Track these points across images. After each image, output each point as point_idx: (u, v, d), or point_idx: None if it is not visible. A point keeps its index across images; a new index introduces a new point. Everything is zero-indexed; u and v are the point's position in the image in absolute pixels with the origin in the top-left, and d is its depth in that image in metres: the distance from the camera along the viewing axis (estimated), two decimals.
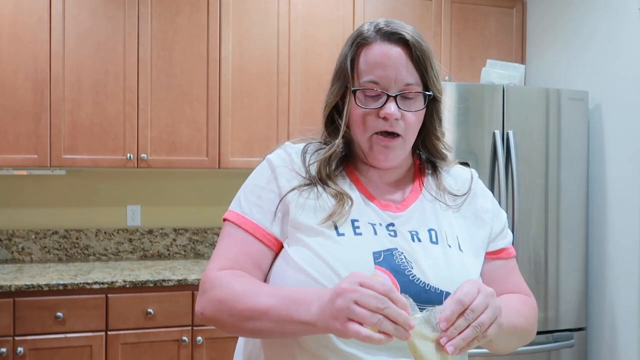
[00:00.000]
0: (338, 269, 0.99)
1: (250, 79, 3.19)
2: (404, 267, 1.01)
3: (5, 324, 2.60)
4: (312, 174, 1.10)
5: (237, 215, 1.10)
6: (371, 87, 1.06)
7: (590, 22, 3.11)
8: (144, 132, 3.05)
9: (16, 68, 2.91)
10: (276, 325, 0.95)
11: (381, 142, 1.07)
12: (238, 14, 3.17)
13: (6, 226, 3.26)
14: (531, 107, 2.87)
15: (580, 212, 2.97)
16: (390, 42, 1.06)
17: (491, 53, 3.52)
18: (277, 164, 1.12)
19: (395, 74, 1.05)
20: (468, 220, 1.14)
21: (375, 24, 1.10)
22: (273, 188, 1.09)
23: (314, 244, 1.02)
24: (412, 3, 3.41)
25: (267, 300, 0.96)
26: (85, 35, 3.00)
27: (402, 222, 1.08)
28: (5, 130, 2.90)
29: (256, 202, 1.10)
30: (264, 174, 1.12)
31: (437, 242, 1.07)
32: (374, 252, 1.02)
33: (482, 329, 0.87)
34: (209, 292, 1.03)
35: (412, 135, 1.10)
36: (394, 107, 1.05)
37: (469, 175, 1.21)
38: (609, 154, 2.96)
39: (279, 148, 1.17)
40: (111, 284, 2.71)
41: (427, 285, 1.00)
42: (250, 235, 1.08)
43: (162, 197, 3.44)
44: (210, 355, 2.82)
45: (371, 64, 1.06)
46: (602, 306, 2.99)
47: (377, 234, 1.05)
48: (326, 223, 1.04)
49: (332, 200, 1.07)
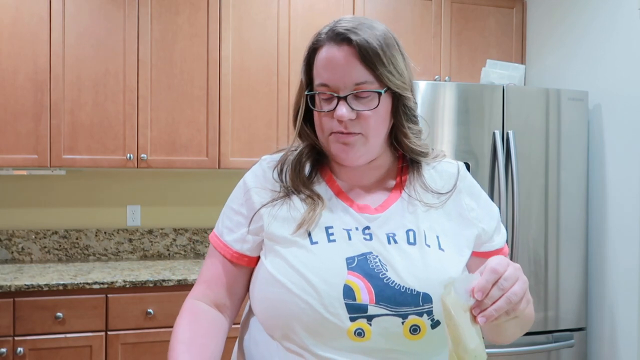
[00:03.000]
0: (311, 278, 0.99)
1: (250, 79, 3.19)
2: (378, 271, 1.00)
3: (5, 324, 2.60)
4: (287, 184, 1.11)
5: (214, 237, 1.16)
6: (323, 91, 1.05)
7: (590, 22, 3.11)
8: (144, 132, 3.06)
9: (16, 68, 2.91)
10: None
11: (338, 140, 1.06)
12: (238, 14, 3.17)
13: (6, 226, 3.26)
14: (531, 107, 2.87)
15: (580, 212, 2.97)
16: (337, 44, 1.04)
17: (491, 53, 3.52)
18: (251, 185, 1.14)
19: (342, 75, 1.03)
20: (452, 218, 1.11)
21: (332, 25, 1.08)
22: (243, 211, 1.12)
23: (288, 254, 1.03)
24: (412, 3, 3.41)
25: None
26: (85, 35, 3.00)
27: (379, 224, 1.06)
28: (5, 130, 2.90)
29: (228, 224, 1.13)
30: (238, 196, 1.15)
31: (415, 243, 1.05)
32: (347, 258, 1.01)
33: (515, 300, 0.85)
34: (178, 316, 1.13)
35: (375, 133, 1.07)
36: (346, 108, 1.03)
37: (456, 171, 1.16)
38: (609, 154, 2.96)
39: (257, 164, 1.18)
40: (111, 284, 2.71)
41: (402, 288, 0.99)
42: (224, 257, 1.12)
43: (162, 197, 3.44)
44: None
45: (320, 67, 1.06)
46: (602, 306, 2.99)
47: (351, 239, 1.04)
48: (299, 232, 1.04)
49: (304, 206, 1.07)
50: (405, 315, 0.97)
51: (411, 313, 0.97)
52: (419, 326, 0.98)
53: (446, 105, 2.76)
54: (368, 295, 0.98)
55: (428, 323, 0.98)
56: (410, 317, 0.97)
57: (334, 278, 0.99)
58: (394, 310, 0.97)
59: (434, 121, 2.73)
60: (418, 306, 0.98)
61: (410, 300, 0.98)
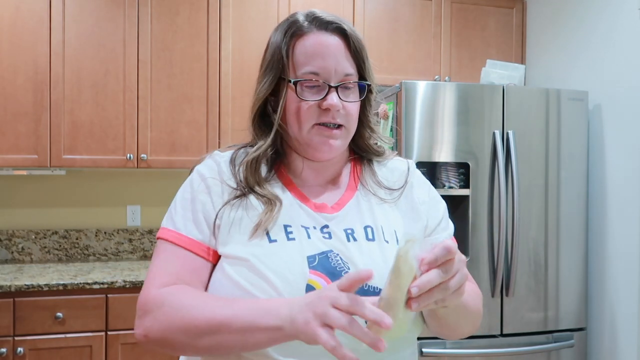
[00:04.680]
0: (271, 278, 0.96)
1: (250, 79, 3.18)
2: (340, 269, 0.99)
3: (5, 324, 2.60)
4: (242, 182, 1.06)
5: (172, 233, 1.05)
6: (311, 79, 1.02)
7: (590, 22, 3.10)
8: (144, 132, 3.06)
9: (16, 68, 2.91)
10: (238, 336, 0.89)
11: (324, 133, 1.04)
12: (238, 14, 3.17)
13: (6, 226, 3.26)
14: (531, 107, 2.87)
15: (580, 212, 2.97)
16: (327, 32, 1.04)
17: (491, 53, 3.52)
18: (207, 175, 1.07)
19: (335, 64, 1.02)
20: (405, 214, 1.10)
21: (309, 13, 1.07)
22: (206, 201, 1.05)
23: (248, 255, 0.98)
24: (412, 3, 3.41)
25: (227, 311, 0.90)
26: (85, 35, 3.00)
27: (337, 222, 1.05)
28: (5, 130, 2.90)
29: (190, 216, 1.05)
30: (196, 187, 1.08)
31: (374, 239, 1.04)
32: (308, 257, 0.99)
33: (448, 292, 0.82)
34: (154, 311, 0.96)
35: (354, 126, 1.08)
36: (336, 97, 1.02)
37: (406, 167, 1.17)
38: (609, 154, 2.96)
39: (208, 158, 1.12)
40: (111, 284, 2.71)
41: (365, 285, 0.96)
42: (188, 251, 1.03)
43: (162, 197, 3.44)
44: None
45: (310, 54, 1.03)
46: (602, 306, 2.99)
47: (310, 238, 1.02)
48: (257, 233, 1.00)
49: (260, 205, 1.03)
50: None
51: None
52: None
53: (446, 105, 2.76)
54: None
55: None
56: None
57: (296, 277, 0.96)
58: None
59: (434, 121, 2.73)
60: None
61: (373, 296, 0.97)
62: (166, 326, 0.94)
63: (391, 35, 3.37)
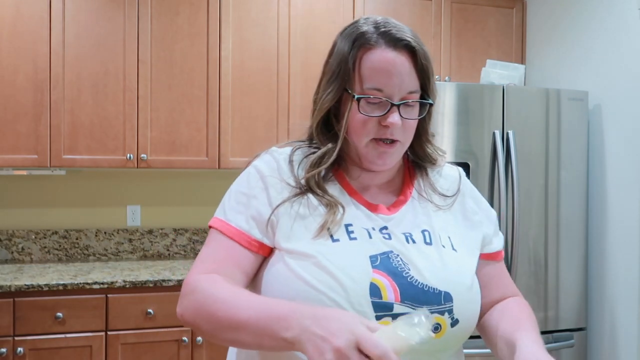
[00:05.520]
0: (338, 275, 0.97)
1: (250, 79, 3.19)
2: (402, 270, 1.01)
3: (5, 324, 2.60)
4: (301, 181, 1.07)
5: (222, 223, 1.07)
6: (375, 95, 1.03)
7: (590, 22, 3.11)
8: (144, 132, 3.05)
9: (16, 68, 2.91)
10: (254, 338, 0.91)
11: (380, 148, 1.06)
12: (238, 14, 3.17)
13: (6, 226, 3.26)
14: (531, 107, 2.87)
15: (580, 212, 2.97)
16: (396, 49, 1.04)
17: (491, 53, 3.52)
18: (266, 172, 1.08)
19: (400, 81, 1.03)
20: (459, 221, 1.13)
21: (375, 25, 1.07)
22: (262, 198, 1.06)
23: (314, 252, 1.00)
24: (412, 3, 3.41)
25: (247, 312, 0.92)
26: (85, 35, 3.00)
27: (394, 224, 1.07)
28: (5, 130, 2.90)
29: (242, 210, 1.06)
30: (253, 182, 1.08)
31: (431, 243, 1.06)
32: (370, 256, 1.01)
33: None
34: (189, 295, 1.01)
35: (409, 140, 1.10)
36: (397, 116, 1.03)
37: (457, 175, 1.20)
38: (609, 154, 2.96)
39: (265, 154, 1.13)
40: (111, 284, 2.71)
41: (425, 286, 1.00)
42: (236, 242, 1.05)
43: (162, 197, 3.44)
44: (210, 355, 2.82)
45: (376, 70, 1.03)
46: (602, 306, 2.99)
47: (372, 238, 1.04)
48: (321, 233, 1.02)
49: (323, 208, 1.04)
50: None
51: (433, 311, 0.99)
52: (440, 324, 0.99)
53: (446, 105, 2.76)
54: (394, 293, 0.98)
55: (448, 321, 1.00)
56: (433, 315, 0.98)
57: (361, 276, 0.98)
58: (417, 309, 0.98)
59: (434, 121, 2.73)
60: (440, 305, 0.99)
61: (433, 299, 0.99)
62: (197, 312, 0.99)
63: None
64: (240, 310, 0.93)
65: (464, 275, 1.05)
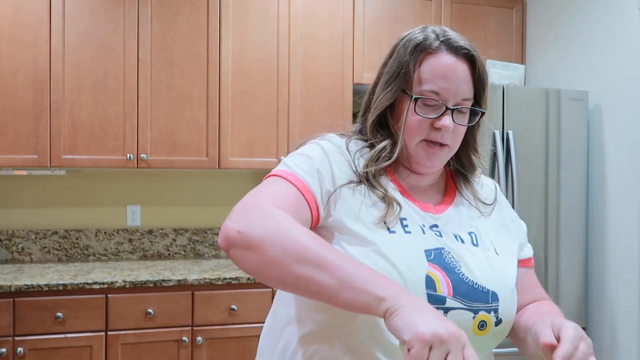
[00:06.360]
0: (397, 264, 0.99)
1: (250, 79, 3.19)
2: (454, 266, 1.04)
3: (5, 324, 2.60)
4: (360, 172, 1.08)
5: (289, 173, 1.04)
6: (431, 97, 1.07)
7: (590, 22, 3.11)
8: (144, 132, 3.06)
9: (16, 68, 2.91)
10: (337, 284, 0.85)
11: (429, 150, 1.09)
12: (238, 14, 3.17)
13: (6, 226, 3.26)
14: (531, 107, 2.87)
15: (580, 212, 2.97)
16: (457, 56, 1.08)
17: (491, 53, 3.52)
18: (330, 148, 1.09)
19: (456, 87, 1.07)
20: (498, 228, 1.18)
21: (440, 32, 1.10)
22: (327, 170, 1.05)
23: (372, 239, 1.01)
24: (412, 3, 3.41)
25: (340, 258, 0.89)
26: (85, 35, 3.00)
27: (443, 223, 1.11)
28: (5, 130, 2.90)
29: (310, 171, 1.04)
30: (317, 153, 1.07)
31: (478, 245, 1.10)
32: (425, 250, 1.04)
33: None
34: (262, 217, 0.93)
35: (457, 146, 1.13)
36: (450, 120, 1.07)
37: (494, 185, 1.25)
38: (609, 154, 2.96)
39: (321, 139, 1.12)
40: (111, 284, 2.71)
41: (475, 284, 1.03)
42: (300, 192, 1.01)
43: (162, 197, 3.44)
44: (210, 355, 2.83)
45: (436, 73, 1.07)
46: (602, 306, 2.99)
47: (425, 233, 1.07)
48: (379, 224, 1.03)
49: (381, 202, 1.06)
50: (477, 310, 1.02)
51: (481, 309, 1.02)
52: (485, 322, 1.03)
53: None
54: (447, 288, 1.01)
55: (493, 320, 1.04)
56: (480, 312, 1.02)
57: (417, 267, 1.00)
58: (467, 305, 1.01)
59: None
60: (487, 303, 1.03)
61: (481, 296, 1.03)
62: (269, 234, 0.90)
63: (391, 35, 3.36)
64: (333, 253, 0.89)
65: (509, 278, 1.09)
